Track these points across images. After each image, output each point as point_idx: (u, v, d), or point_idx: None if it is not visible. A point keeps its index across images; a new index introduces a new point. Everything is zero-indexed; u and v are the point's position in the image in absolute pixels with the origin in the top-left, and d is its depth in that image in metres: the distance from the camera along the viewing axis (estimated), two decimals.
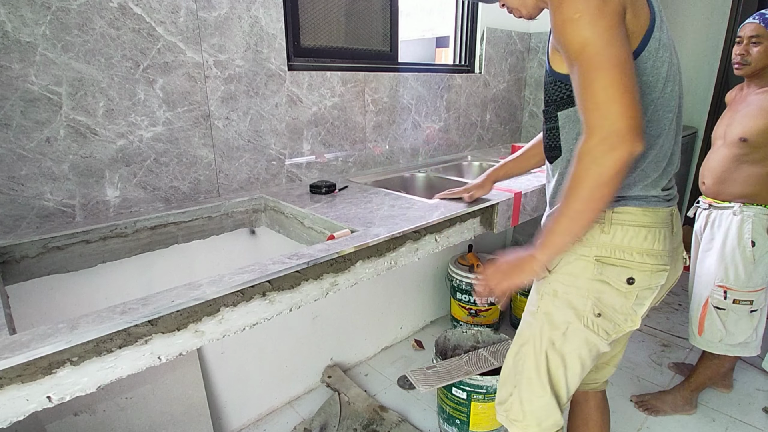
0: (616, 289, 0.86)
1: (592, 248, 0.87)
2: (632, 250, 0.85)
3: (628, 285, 0.86)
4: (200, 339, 0.80)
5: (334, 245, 0.99)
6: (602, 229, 0.86)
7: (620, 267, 0.86)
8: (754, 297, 1.51)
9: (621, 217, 0.85)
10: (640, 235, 0.84)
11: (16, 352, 0.62)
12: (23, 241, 1.02)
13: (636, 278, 0.85)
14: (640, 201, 0.84)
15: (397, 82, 1.86)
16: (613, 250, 0.86)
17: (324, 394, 1.84)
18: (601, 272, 0.87)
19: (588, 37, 0.69)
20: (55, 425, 1.19)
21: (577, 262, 0.89)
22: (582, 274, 0.88)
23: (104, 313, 0.71)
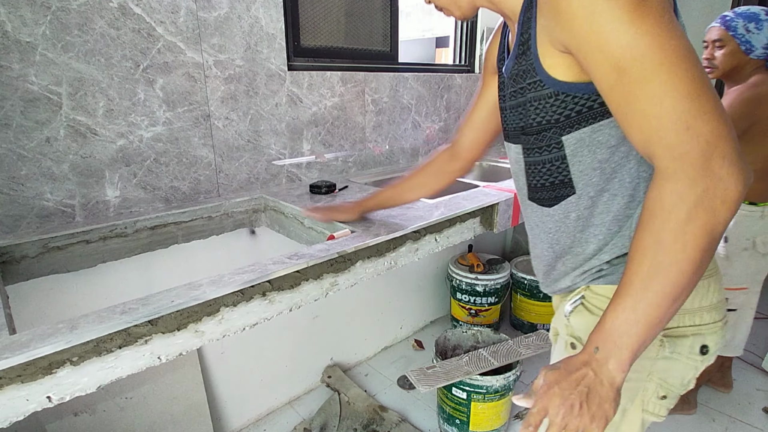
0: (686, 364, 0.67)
1: None
2: (702, 311, 0.66)
3: (702, 355, 0.67)
4: (200, 339, 0.80)
5: (334, 245, 0.99)
6: None
7: (692, 336, 0.66)
8: (729, 295, 1.51)
9: None
10: (710, 288, 0.66)
11: (16, 352, 0.62)
12: (23, 241, 1.02)
13: (710, 344, 0.67)
14: None
15: (397, 82, 1.86)
16: (680, 317, 0.65)
17: (324, 394, 1.84)
18: (672, 350, 0.66)
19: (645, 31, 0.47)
20: (55, 425, 1.19)
21: None
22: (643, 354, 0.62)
23: (104, 313, 0.71)
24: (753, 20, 1.33)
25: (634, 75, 0.48)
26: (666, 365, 0.66)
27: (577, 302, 0.72)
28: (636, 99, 0.49)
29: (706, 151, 0.46)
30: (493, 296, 2.14)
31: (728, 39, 1.38)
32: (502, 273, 2.14)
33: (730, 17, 1.37)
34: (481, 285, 2.10)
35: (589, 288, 0.70)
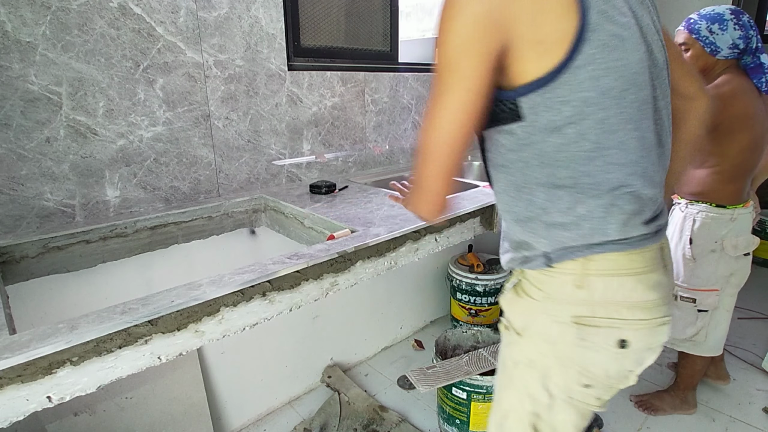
0: (604, 355, 0.70)
1: (566, 307, 0.70)
2: (619, 306, 0.68)
3: (620, 348, 0.69)
4: (200, 339, 0.80)
5: (334, 245, 0.99)
6: (575, 282, 0.69)
7: (605, 329, 0.69)
8: (697, 296, 1.50)
9: (599, 266, 0.67)
10: (626, 286, 0.67)
11: (16, 352, 0.62)
12: (23, 241, 1.02)
13: (629, 339, 0.68)
14: (619, 245, 0.66)
15: (397, 82, 1.86)
16: (593, 307, 0.68)
17: (324, 394, 1.84)
18: (584, 337, 0.69)
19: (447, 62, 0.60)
20: (55, 425, 1.19)
21: (551, 325, 0.72)
22: (560, 339, 0.71)
23: (104, 313, 0.71)
24: (716, 21, 1.32)
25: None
26: (583, 353, 0.70)
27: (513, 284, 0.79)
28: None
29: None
30: (493, 296, 2.14)
31: (692, 42, 1.36)
32: (502, 273, 2.14)
33: (693, 20, 1.36)
34: (481, 285, 2.10)
35: (523, 272, 0.76)
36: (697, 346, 1.57)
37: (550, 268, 0.71)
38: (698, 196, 1.45)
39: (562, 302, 0.70)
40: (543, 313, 0.72)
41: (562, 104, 0.59)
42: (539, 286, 0.73)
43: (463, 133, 0.62)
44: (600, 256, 0.67)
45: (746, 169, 1.40)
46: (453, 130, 0.62)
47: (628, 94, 0.61)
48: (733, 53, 1.34)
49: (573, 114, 0.60)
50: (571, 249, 0.68)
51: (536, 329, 0.74)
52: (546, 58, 0.57)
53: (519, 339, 0.77)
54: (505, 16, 0.55)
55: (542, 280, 0.72)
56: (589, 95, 0.59)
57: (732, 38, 1.31)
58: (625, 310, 0.68)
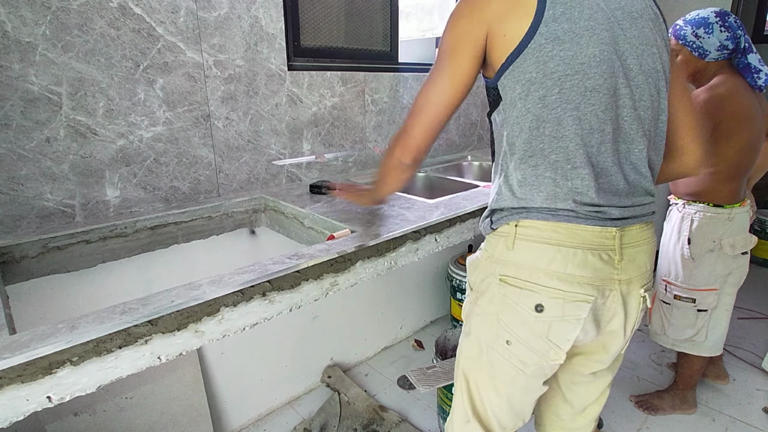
0: (523, 315, 0.77)
1: (498, 266, 0.80)
2: (539, 272, 0.74)
3: (537, 312, 0.75)
4: (200, 339, 0.80)
5: (334, 245, 0.99)
6: (506, 244, 0.78)
7: (525, 290, 0.76)
8: (696, 296, 1.51)
9: (525, 231, 0.76)
10: (547, 254, 0.74)
11: (16, 352, 0.62)
12: (23, 241, 1.02)
13: (545, 305, 0.74)
14: (545, 214, 0.74)
15: (397, 82, 1.86)
16: (517, 269, 0.77)
17: (324, 394, 1.84)
18: (505, 294, 0.78)
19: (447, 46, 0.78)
20: (55, 425, 1.19)
21: (487, 280, 0.82)
22: (489, 293, 0.82)
23: (104, 313, 0.71)
24: (702, 26, 1.34)
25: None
26: (504, 309, 0.79)
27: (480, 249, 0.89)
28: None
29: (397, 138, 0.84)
30: None
31: (680, 48, 1.39)
32: None
33: (679, 26, 1.39)
34: None
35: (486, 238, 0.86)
36: (697, 346, 1.57)
37: (493, 231, 0.82)
38: (696, 196, 1.45)
39: (496, 261, 0.80)
40: (484, 270, 0.83)
41: (516, 83, 0.73)
42: (486, 248, 0.84)
43: (452, 99, 0.78)
44: (528, 221, 0.76)
45: (743, 169, 1.41)
46: (444, 93, 0.78)
47: (570, 79, 0.70)
48: (722, 55, 1.35)
49: (522, 91, 0.72)
50: (507, 212, 0.79)
51: (479, 284, 0.85)
52: (507, 46, 0.72)
53: (470, 293, 0.89)
54: (486, 16, 0.73)
55: (490, 241, 0.84)
56: (533, 76, 0.71)
57: (719, 40, 1.33)
58: (544, 276, 0.74)
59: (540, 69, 0.70)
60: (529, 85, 0.71)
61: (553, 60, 0.70)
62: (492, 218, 0.82)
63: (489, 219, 0.83)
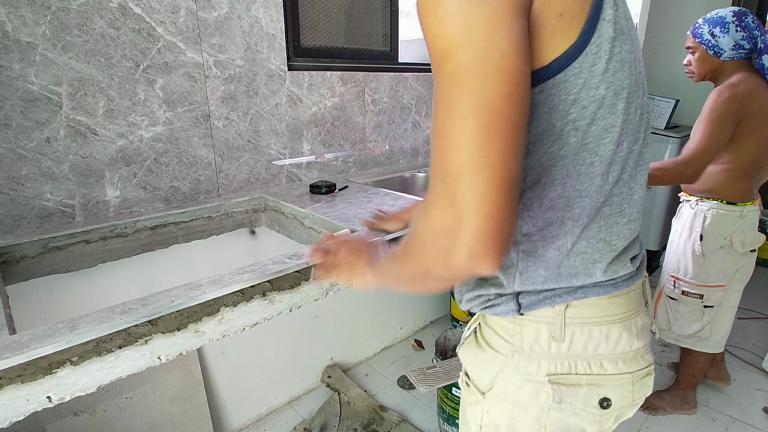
0: (584, 418, 0.59)
1: (540, 363, 0.58)
2: (601, 359, 0.57)
3: (602, 409, 0.58)
4: (200, 339, 0.80)
5: None
6: (552, 332, 0.57)
7: (587, 386, 0.57)
8: (704, 292, 1.52)
9: (580, 313, 0.56)
10: (612, 336, 0.56)
11: (16, 352, 0.62)
12: (23, 241, 1.02)
13: (612, 397, 0.58)
14: (605, 287, 0.55)
15: (397, 82, 1.86)
16: (572, 363, 0.57)
17: (324, 394, 1.84)
18: (561, 399, 0.57)
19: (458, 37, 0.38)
20: (55, 425, 1.19)
21: (523, 385, 0.59)
22: (532, 402, 0.59)
23: (104, 313, 0.71)
24: (718, 25, 1.36)
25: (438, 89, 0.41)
26: (560, 417, 0.58)
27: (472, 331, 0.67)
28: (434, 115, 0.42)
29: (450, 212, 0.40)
30: None
31: (696, 45, 1.42)
32: None
33: (697, 24, 1.41)
34: None
35: (484, 317, 0.64)
36: (701, 342, 1.58)
37: (520, 315, 0.58)
38: (709, 193, 1.47)
39: (536, 357, 0.58)
40: (512, 371, 0.59)
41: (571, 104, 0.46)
42: (506, 337, 0.60)
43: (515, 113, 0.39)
44: (581, 301, 0.56)
45: (757, 167, 1.42)
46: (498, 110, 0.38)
47: (635, 98, 0.49)
48: (738, 54, 1.36)
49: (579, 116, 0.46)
50: (549, 293, 0.56)
51: (503, 389, 0.61)
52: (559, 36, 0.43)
53: (483, 400, 0.64)
54: None
55: (511, 330, 0.59)
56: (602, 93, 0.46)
57: (734, 39, 1.34)
58: (607, 363, 0.57)
59: (611, 82, 0.46)
60: (595, 109, 0.46)
61: (623, 68, 0.46)
62: (520, 301, 0.57)
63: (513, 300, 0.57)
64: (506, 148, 0.38)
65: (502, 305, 0.58)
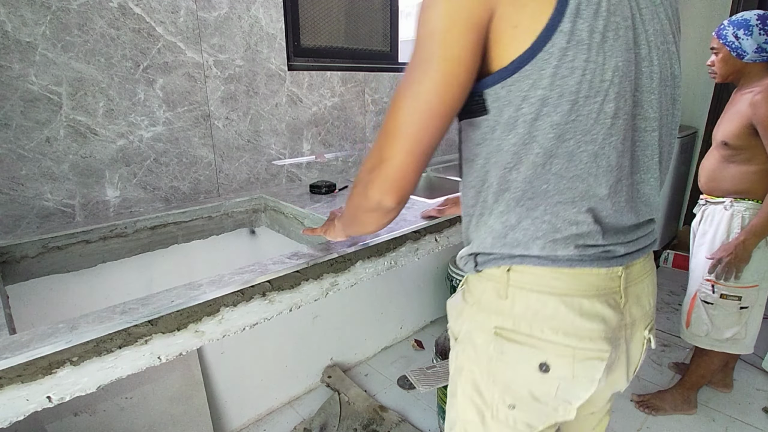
0: (525, 376, 0.63)
1: (490, 316, 0.65)
2: (541, 324, 0.61)
3: (542, 372, 0.62)
4: (200, 339, 0.80)
5: (334, 245, 0.99)
6: (498, 291, 0.64)
7: (528, 347, 0.62)
8: (742, 293, 1.52)
9: (520, 278, 0.62)
10: (548, 306, 0.61)
11: (16, 352, 0.62)
12: (23, 241, 1.02)
13: (551, 365, 0.61)
14: (543, 260, 0.61)
15: (396, 82, 1.86)
16: (516, 321, 0.63)
17: (324, 394, 1.84)
18: (502, 351, 0.64)
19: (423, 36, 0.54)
20: (55, 425, 1.19)
21: (476, 332, 0.67)
22: (484, 349, 0.66)
23: (104, 313, 0.71)
24: (742, 27, 1.38)
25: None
26: (504, 369, 0.64)
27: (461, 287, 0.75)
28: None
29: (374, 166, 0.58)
30: None
31: (720, 46, 1.44)
32: None
33: (723, 26, 1.43)
34: None
35: (467, 277, 0.72)
36: (738, 344, 1.58)
37: (478, 272, 0.67)
38: (745, 193, 1.47)
39: (487, 310, 0.66)
40: (471, 319, 0.69)
41: (522, 99, 0.54)
42: (472, 291, 0.69)
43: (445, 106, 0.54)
44: (522, 267, 0.62)
45: None
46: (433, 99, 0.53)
47: (590, 102, 0.54)
48: (761, 57, 1.39)
49: (529, 112, 0.54)
50: (495, 255, 0.64)
51: (466, 334, 0.70)
52: (516, 43, 0.52)
53: (455, 344, 0.73)
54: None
55: (475, 285, 0.69)
56: (547, 93, 0.53)
57: (757, 42, 1.36)
58: (549, 330, 0.61)
59: (557, 85, 0.52)
60: (540, 106, 0.54)
61: (574, 74, 0.52)
62: (477, 259, 0.67)
63: (472, 259, 0.68)
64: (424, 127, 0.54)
65: (468, 264, 0.69)
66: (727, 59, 1.44)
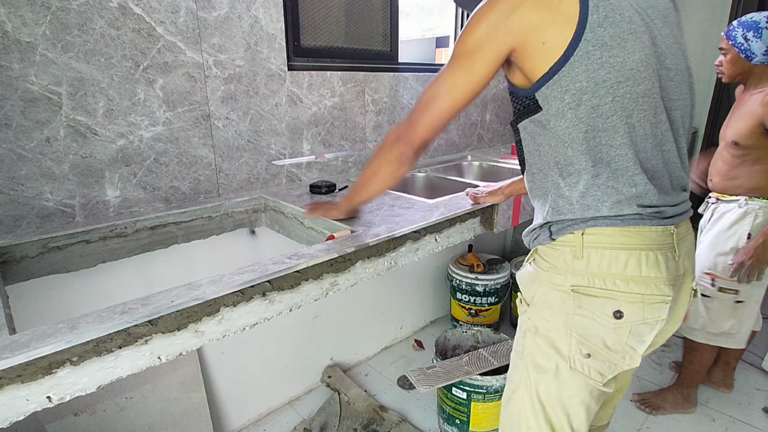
0: (601, 325, 0.75)
1: (566, 276, 0.77)
2: (614, 278, 0.73)
3: (616, 319, 0.74)
4: (200, 339, 0.80)
5: (334, 245, 0.99)
6: (574, 253, 0.76)
7: (603, 298, 0.74)
8: (741, 287, 1.52)
9: (594, 239, 0.75)
10: (620, 260, 0.73)
11: (16, 352, 0.62)
12: (23, 241, 1.02)
13: (624, 311, 0.73)
14: (613, 220, 0.73)
15: (397, 82, 1.86)
16: (591, 278, 0.75)
17: (324, 394, 1.84)
18: (580, 305, 0.76)
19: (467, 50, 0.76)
20: (55, 425, 1.19)
21: (553, 293, 0.79)
22: (560, 307, 0.78)
23: (104, 313, 0.71)
24: (752, 29, 1.39)
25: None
26: (581, 322, 0.76)
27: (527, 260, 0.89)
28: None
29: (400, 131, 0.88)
30: (493, 296, 2.14)
31: (729, 47, 1.45)
32: (502, 273, 2.14)
33: (732, 27, 1.44)
34: (481, 285, 2.10)
35: (535, 249, 0.85)
36: (732, 337, 1.60)
37: (553, 241, 0.79)
38: (759, 191, 1.48)
39: (564, 272, 0.77)
40: (547, 282, 0.80)
41: (564, 93, 0.71)
42: (546, 258, 0.81)
43: (461, 100, 0.79)
44: (595, 229, 0.74)
45: None
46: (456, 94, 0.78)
47: (622, 86, 0.70)
48: (766, 58, 1.40)
49: (572, 101, 0.71)
50: (569, 222, 0.77)
51: (541, 297, 0.81)
52: (549, 54, 0.70)
53: (528, 309, 0.84)
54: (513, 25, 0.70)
55: (548, 252, 0.81)
56: (584, 85, 0.70)
57: (766, 45, 1.37)
58: (620, 281, 0.73)
59: (591, 77, 0.69)
60: (580, 95, 0.70)
61: (603, 67, 0.69)
62: (551, 229, 0.79)
63: (547, 229, 0.80)
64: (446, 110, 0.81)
65: (542, 235, 0.81)
66: (735, 60, 1.45)
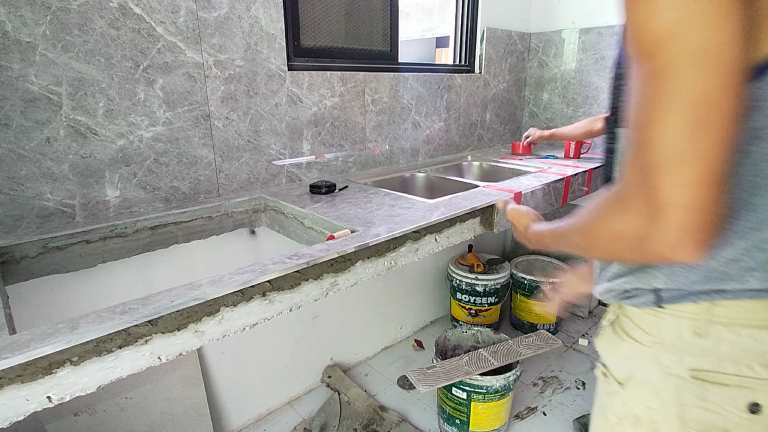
0: (730, 420, 0.56)
1: (681, 357, 0.57)
2: (751, 361, 0.54)
3: (751, 414, 0.55)
4: (200, 339, 0.80)
5: (334, 245, 0.99)
6: (694, 328, 0.55)
7: (735, 387, 0.55)
8: None
9: (727, 312, 0.54)
10: (762, 339, 0.53)
11: (16, 352, 0.62)
12: (23, 241, 1.02)
13: (763, 404, 0.55)
14: (761, 293, 0.52)
15: (397, 82, 1.86)
16: (720, 360, 0.55)
17: (324, 394, 1.84)
18: (704, 396, 0.56)
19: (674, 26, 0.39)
20: (55, 425, 1.19)
21: (661, 376, 0.59)
22: (673, 397, 0.58)
23: (104, 313, 0.71)
24: None
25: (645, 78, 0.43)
26: (703, 416, 0.57)
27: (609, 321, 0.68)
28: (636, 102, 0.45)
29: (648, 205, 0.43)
30: (493, 296, 2.14)
31: None
32: (502, 273, 2.14)
33: None
34: (481, 285, 2.10)
35: (621, 307, 0.64)
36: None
37: (659, 308, 0.58)
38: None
39: (677, 351, 0.57)
40: (651, 362, 0.59)
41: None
42: (646, 329, 0.60)
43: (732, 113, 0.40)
44: (730, 302, 0.54)
45: None
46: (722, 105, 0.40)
47: None
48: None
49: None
50: (692, 291, 0.55)
51: (643, 380, 0.61)
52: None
53: (621, 390, 0.64)
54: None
55: (650, 321, 0.59)
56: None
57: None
58: (759, 366, 0.54)
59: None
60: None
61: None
62: (661, 295, 0.57)
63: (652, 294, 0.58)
64: (717, 140, 0.40)
65: (640, 297, 0.59)
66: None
